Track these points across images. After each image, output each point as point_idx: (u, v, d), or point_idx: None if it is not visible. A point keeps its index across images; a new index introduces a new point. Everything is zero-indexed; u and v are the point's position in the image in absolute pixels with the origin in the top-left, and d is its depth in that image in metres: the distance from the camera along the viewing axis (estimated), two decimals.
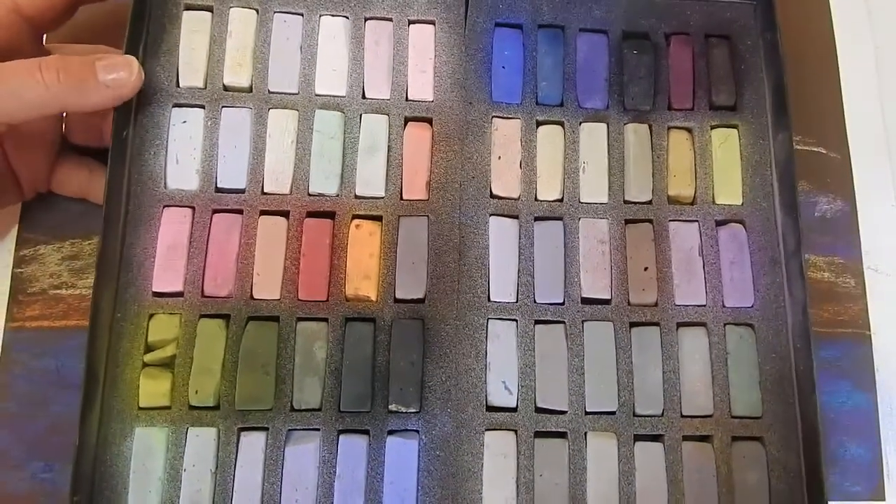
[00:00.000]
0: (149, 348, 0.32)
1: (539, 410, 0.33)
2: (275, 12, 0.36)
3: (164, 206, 0.33)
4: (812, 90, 0.39)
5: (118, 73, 0.31)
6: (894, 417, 0.35)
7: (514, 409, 0.33)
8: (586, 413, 0.33)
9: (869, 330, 0.36)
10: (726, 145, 0.36)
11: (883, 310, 0.36)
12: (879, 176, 0.38)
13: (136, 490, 0.31)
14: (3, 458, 0.34)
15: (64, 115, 0.36)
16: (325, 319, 0.33)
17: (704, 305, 0.34)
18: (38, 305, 0.35)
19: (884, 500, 0.30)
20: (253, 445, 0.31)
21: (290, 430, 0.32)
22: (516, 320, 0.34)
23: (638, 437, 0.33)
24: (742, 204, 0.35)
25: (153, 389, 0.32)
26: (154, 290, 0.33)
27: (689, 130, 0.37)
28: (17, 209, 0.37)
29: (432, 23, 0.36)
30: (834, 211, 0.38)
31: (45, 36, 0.38)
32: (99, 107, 0.31)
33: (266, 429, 0.32)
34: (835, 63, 0.39)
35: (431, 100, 0.35)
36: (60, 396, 0.34)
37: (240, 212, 0.34)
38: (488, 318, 0.33)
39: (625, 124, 0.36)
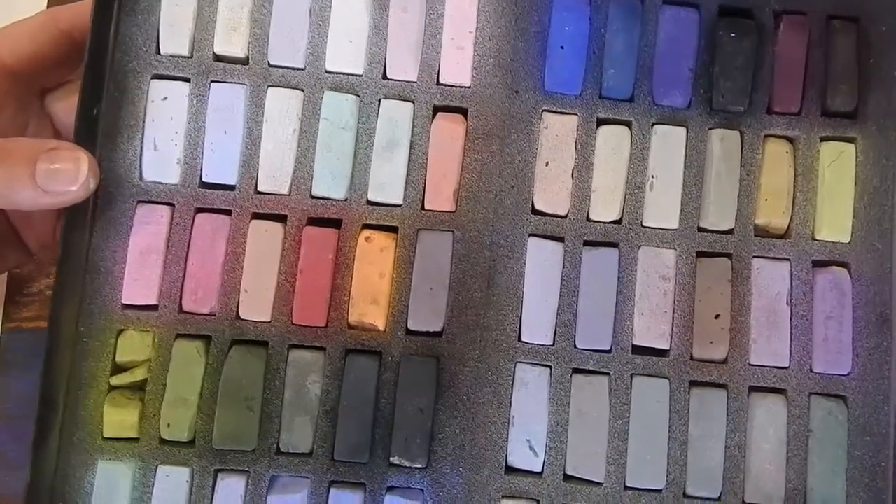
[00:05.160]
0: (116, 369, 0.28)
1: (568, 479, 0.28)
2: None
3: (138, 202, 0.28)
4: None
5: (62, 180, 0.26)
6: None
7: (539, 475, 0.28)
8: (626, 488, 0.28)
9: None
10: (838, 164, 0.29)
11: None
12: None
13: None
14: (2, 459, 0.34)
15: None
16: (323, 349, 0.28)
17: (787, 368, 0.28)
18: (36, 306, 0.35)
19: None
20: (231, 490, 0.28)
21: (274, 475, 0.28)
22: (550, 367, 0.28)
23: None
24: (850, 242, 0.29)
25: (120, 418, 0.28)
26: (124, 301, 0.28)
27: (791, 141, 0.29)
28: None
29: None
30: None
31: None
32: (35, 209, 0.27)
33: (247, 472, 0.28)
34: None
35: (468, 85, 0.29)
36: None
37: (228, 213, 0.29)
38: (517, 362, 0.28)
39: (710, 129, 0.29)
